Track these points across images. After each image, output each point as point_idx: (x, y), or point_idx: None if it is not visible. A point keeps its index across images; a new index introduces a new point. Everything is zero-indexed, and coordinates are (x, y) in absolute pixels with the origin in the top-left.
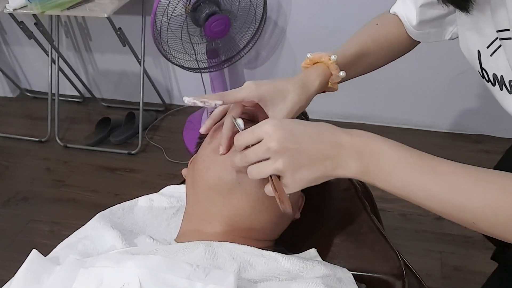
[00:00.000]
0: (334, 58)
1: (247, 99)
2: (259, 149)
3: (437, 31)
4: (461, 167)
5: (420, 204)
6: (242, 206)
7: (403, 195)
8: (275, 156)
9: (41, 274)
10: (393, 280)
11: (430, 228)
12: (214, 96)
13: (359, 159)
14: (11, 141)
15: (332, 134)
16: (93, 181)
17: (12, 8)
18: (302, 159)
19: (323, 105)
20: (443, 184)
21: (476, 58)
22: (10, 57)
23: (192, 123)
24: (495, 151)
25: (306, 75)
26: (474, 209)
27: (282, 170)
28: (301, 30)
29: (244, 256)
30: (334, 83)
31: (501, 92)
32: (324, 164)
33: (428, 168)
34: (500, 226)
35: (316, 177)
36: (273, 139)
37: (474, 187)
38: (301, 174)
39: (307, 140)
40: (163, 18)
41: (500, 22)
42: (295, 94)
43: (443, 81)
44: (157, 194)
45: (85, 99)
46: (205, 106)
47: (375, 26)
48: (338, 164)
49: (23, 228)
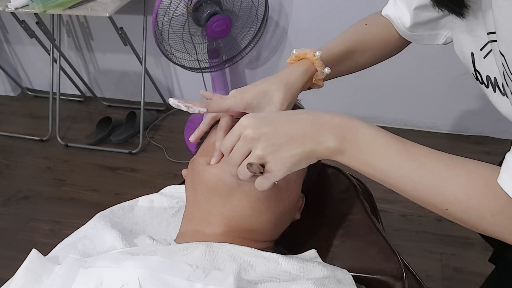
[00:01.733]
0: (318, 55)
1: (232, 108)
2: (239, 144)
3: (430, 34)
4: (435, 152)
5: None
6: (241, 208)
7: (377, 176)
8: (252, 144)
9: (40, 274)
10: (393, 281)
11: (430, 229)
12: (199, 104)
13: (338, 136)
14: (12, 140)
15: (310, 114)
16: (94, 180)
17: (14, 7)
18: (280, 140)
19: (324, 105)
20: (417, 165)
21: (470, 60)
22: (12, 56)
23: (193, 123)
24: (496, 153)
25: (289, 73)
26: (446, 193)
27: (263, 155)
28: (303, 31)
29: (243, 257)
30: (319, 79)
31: (494, 94)
32: (303, 142)
33: (403, 149)
34: (473, 213)
35: (297, 156)
36: (247, 126)
37: (447, 171)
38: (281, 155)
39: (282, 121)
40: (164, 18)
41: (490, 24)
42: (280, 93)
43: (444, 82)
44: (158, 194)
45: (86, 98)
46: (188, 111)
47: (364, 26)
48: (318, 141)
49: (23, 226)
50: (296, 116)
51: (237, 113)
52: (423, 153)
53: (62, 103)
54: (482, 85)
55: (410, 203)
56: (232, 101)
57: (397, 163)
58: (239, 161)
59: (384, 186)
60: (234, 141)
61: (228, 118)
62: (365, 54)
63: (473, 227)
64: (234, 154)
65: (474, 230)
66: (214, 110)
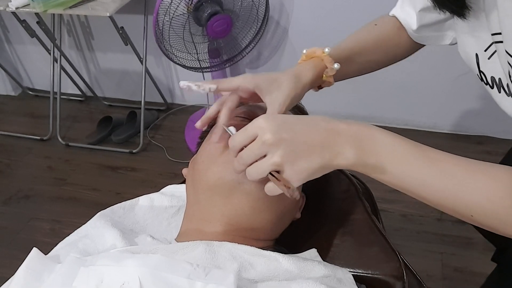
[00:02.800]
0: (327, 51)
1: (242, 85)
2: (254, 146)
3: (437, 35)
4: (454, 158)
5: (416, 195)
6: (242, 206)
7: (398, 185)
8: (271, 150)
9: (41, 273)
10: (393, 281)
11: (431, 229)
12: (209, 82)
13: (356, 147)
14: (12, 139)
15: (328, 122)
16: (95, 179)
17: (14, 6)
18: (299, 149)
19: (324, 105)
20: (437, 172)
21: (474, 61)
22: (12, 55)
23: (193, 122)
24: (497, 152)
25: (299, 68)
26: (468, 199)
27: (281, 163)
28: (303, 30)
29: (244, 256)
30: (329, 76)
31: (499, 94)
32: (322, 153)
33: (422, 156)
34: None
35: (315, 168)
36: (267, 130)
37: (467, 177)
38: (300, 165)
39: (302, 129)
40: (165, 18)
41: (494, 25)
42: (290, 82)
43: (445, 82)
44: (158, 194)
45: (87, 98)
46: (198, 90)
47: (374, 27)
48: (336, 152)
49: (24, 226)
50: (315, 124)
51: (246, 92)
52: (442, 158)
53: (62, 102)
54: (486, 86)
55: (410, 203)
56: (242, 79)
57: (417, 171)
58: (250, 162)
59: (384, 186)
60: (245, 141)
61: (235, 96)
62: (376, 54)
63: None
64: (246, 154)
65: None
66: (224, 87)
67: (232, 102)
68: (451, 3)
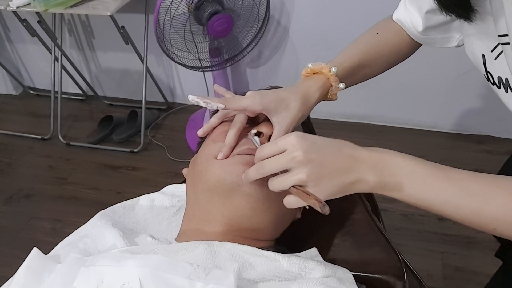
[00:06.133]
0: (334, 71)
1: (250, 107)
2: (282, 159)
3: (443, 37)
4: (470, 174)
5: (439, 213)
6: (242, 208)
7: (421, 204)
8: (298, 167)
9: (41, 273)
10: (394, 280)
11: (432, 228)
12: (218, 100)
13: (376, 173)
14: (13, 138)
15: (352, 148)
16: (95, 179)
17: (15, 5)
18: (325, 171)
19: (326, 104)
20: (457, 191)
21: (481, 61)
22: (13, 54)
23: (194, 121)
24: (498, 152)
25: (307, 87)
26: (491, 213)
27: (306, 181)
28: (304, 29)
29: (244, 256)
30: (333, 93)
31: (506, 94)
32: (344, 177)
33: (441, 177)
34: None
35: (335, 190)
36: (298, 148)
37: (487, 192)
38: (322, 185)
39: (329, 152)
40: (166, 17)
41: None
42: (297, 103)
43: (446, 81)
44: (159, 193)
45: (87, 97)
46: (207, 107)
47: (375, 36)
48: (357, 178)
49: (25, 225)
50: (341, 148)
51: (253, 113)
52: (460, 176)
53: (63, 101)
54: (493, 86)
55: None
56: (251, 101)
57: (437, 191)
58: (270, 172)
59: None
60: (274, 153)
61: (243, 116)
62: (378, 63)
63: None
64: (269, 165)
65: None
66: (232, 107)
67: (240, 123)
68: (457, 7)
